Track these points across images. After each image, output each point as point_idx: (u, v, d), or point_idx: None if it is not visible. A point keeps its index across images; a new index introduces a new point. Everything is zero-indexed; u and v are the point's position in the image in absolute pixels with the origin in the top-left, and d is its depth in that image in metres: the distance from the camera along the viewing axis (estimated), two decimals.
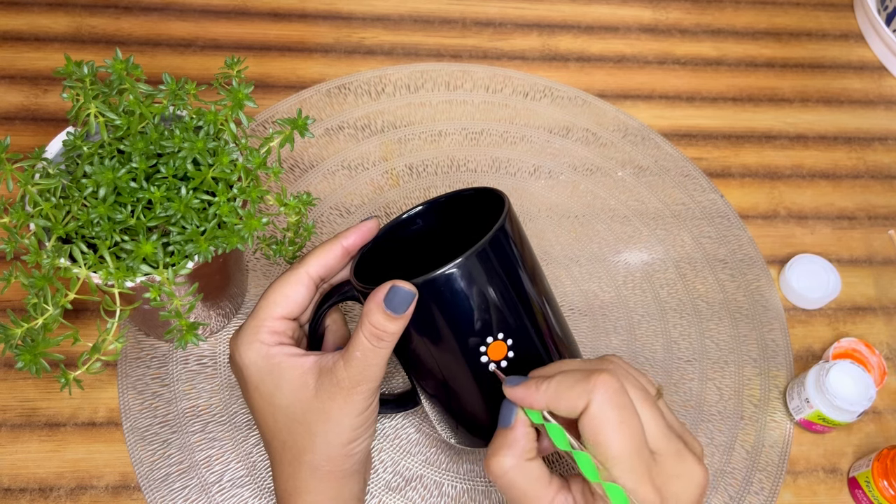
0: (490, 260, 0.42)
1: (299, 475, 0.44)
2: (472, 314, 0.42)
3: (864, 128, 0.76)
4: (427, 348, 0.44)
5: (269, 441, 0.45)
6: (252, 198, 0.45)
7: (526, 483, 0.39)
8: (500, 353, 0.43)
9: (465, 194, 0.49)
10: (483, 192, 0.47)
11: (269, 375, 0.43)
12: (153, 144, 0.45)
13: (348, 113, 0.70)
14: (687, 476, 0.38)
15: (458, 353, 0.43)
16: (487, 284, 0.42)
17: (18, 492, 0.52)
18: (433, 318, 0.42)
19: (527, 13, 0.79)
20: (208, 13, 0.74)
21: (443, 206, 0.50)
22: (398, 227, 0.49)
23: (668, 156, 0.71)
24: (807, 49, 0.80)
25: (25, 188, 0.43)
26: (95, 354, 0.42)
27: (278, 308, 0.44)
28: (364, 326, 0.41)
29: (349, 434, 0.43)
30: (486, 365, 0.43)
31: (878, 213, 0.71)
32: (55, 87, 0.68)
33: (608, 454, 0.37)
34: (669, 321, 0.62)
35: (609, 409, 0.37)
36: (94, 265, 0.42)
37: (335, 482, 0.44)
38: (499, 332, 0.43)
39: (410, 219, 0.50)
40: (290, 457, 0.44)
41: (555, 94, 0.73)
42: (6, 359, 0.56)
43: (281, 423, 0.44)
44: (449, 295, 0.42)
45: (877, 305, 0.66)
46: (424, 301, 0.42)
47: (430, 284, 0.41)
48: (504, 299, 0.43)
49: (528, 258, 0.45)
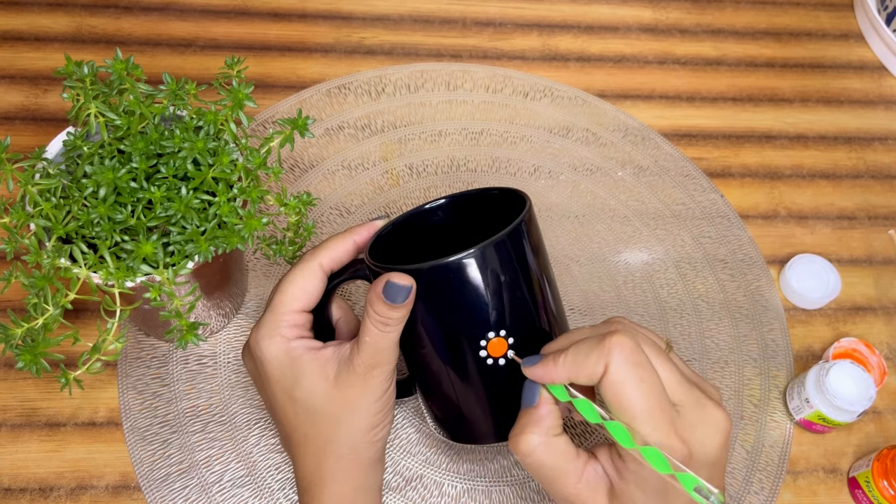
0: (500, 255, 0.42)
1: (324, 465, 0.44)
2: (477, 307, 0.42)
3: (865, 128, 0.76)
4: (427, 336, 0.44)
5: (289, 434, 0.45)
6: (252, 198, 0.45)
7: (554, 459, 0.40)
8: (499, 349, 0.43)
9: (489, 193, 0.49)
10: (507, 192, 0.48)
11: (290, 369, 0.44)
12: (153, 144, 0.45)
13: (348, 113, 0.70)
14: (710, 422, 0.39)
15: (458, 344, 0.43)
16: (494, 279, 0.42)
17: (18, 492, 0.52)
18: (437, 306, 0.43)
19: (527, 13, 0.79)
20: (208, 13, 0.74)
21: (465, 202, 0.50)
22: (418, 217, 0.50)
23: (668, 156, 0.71)
24: (807, 49, 0.80)
25: (26, 188, 0.43)
26: (95, 354, 0.42)
27: (297, 302, 0.44)
28: (369, 314, 0.42)
29: (370, 420, 0.44)
30: (485, 360, 0.43)
31: (878, 213, 0.71)
32: (55, 87, 0.68)
33: (633, 413, 0.37)
34: (669, 321, 0.62)
35: (627, 368, 0.37)
36: (94, 265, 0.42)
37: (359, 471, 0.45)
38: (500, 329, 0.43)
39: (431, 210, 0.50)
40: (314, 448, 0.44)
41: (555, 94, 0.73)
42: (6, 359, 0.56)
43: (302, 415, 0.44)
44: (456, 284, 0.42)
45: (877, 305, 0.66)
46: (431, 287, 0.42)
47: (437, 271, 0.42)
48: (509, 297, 0.43)
49: (540, 260, 0.45)
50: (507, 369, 0.44)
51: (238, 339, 0.58)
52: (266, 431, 0.55)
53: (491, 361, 0.43)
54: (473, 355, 0.43)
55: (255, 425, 0.55)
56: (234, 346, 0.58)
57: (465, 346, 0.43)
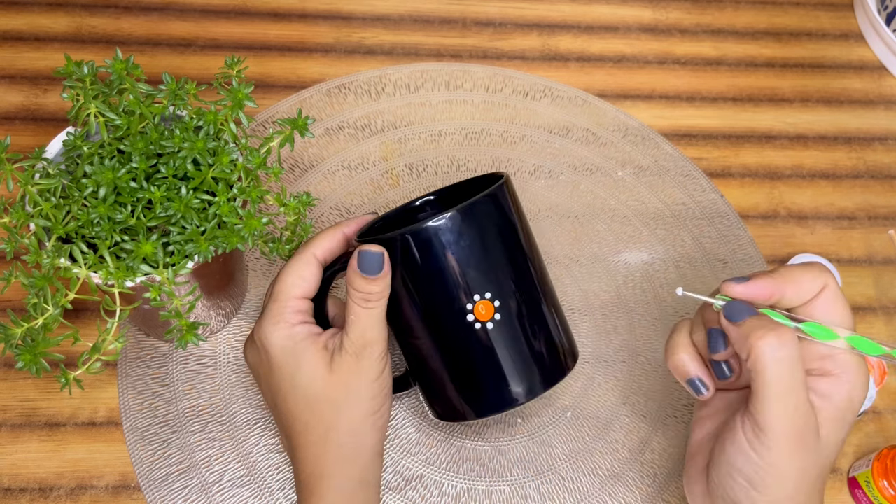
0: (477, 219, 0.44)
1: (325, 456, 0.44)
2: (456, 271, 0.44)
3: (865, 128, 0.76)
4: (415, 308, 0.45)
5: (290, 425, 0.45)
6: (252, 198, 0.45)
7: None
8: (487, 313, 0.44)
9: (475, 182, 0.50)
10: (490, 177, 0.49)
11: (292, 355, 0.44)
12: (153, 144, 0.45)
13: (348, 113, 0.70)
14: None
15: (445, 310, 0.44)
16: (474, 242, 0.44)
17: (18, 492, 0.52)
18: (420, 273, 0.44)
19: (527, 13, 0.79)
20: (208, 13, 0.74)
21: (453, 194, 0.52)
22: (408, 212, 0.51)
23: (668, 156, 0.71)
24: (807, 49, 0.80)
25: (25, 188, 0.43)
26: (95, 354, 0.42)
27: (297, 289, 0.45)
28: (350, 293, 0.44)
29: (369, 404, 0.44)
30: (473, 324, 0.44)
31: (878, 214, 0.71)
32: (55, 86, 0.68)
33: (849, 327, 0.42)
34: (670, 321, 0.62)
35: (839, 290, 0.42)
36: (94, 265, 0.42)
37: (359, 462, 0.45)
38: (486, 293, 0.44)
39: (421, 206, 0.52)
40: (314, 438, 0.45)
41: (555, 94, 0.73)
42: (6, 358, 0.56)
43: (302, 403, 0.44)
44: (437, 248, 0.43)
45: (877, 305, 0.66)
46: (411, 255, 0.43)
47: (416, 236, 0.43)
48: (489, 261, 0.44)
49: (522, 227, 0.47)
50: (499, 333, 0.45)
51: (238, 339, 0.58)
52: (266, 431, 0.55)
53: (479, 326, 0.44)
54: (461, 321, 0.44)
55: (255, 425, 0.55)
56: (234, 346, 0.58)
57: (452, 312, 0.44)
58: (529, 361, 0.47)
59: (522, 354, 0.46)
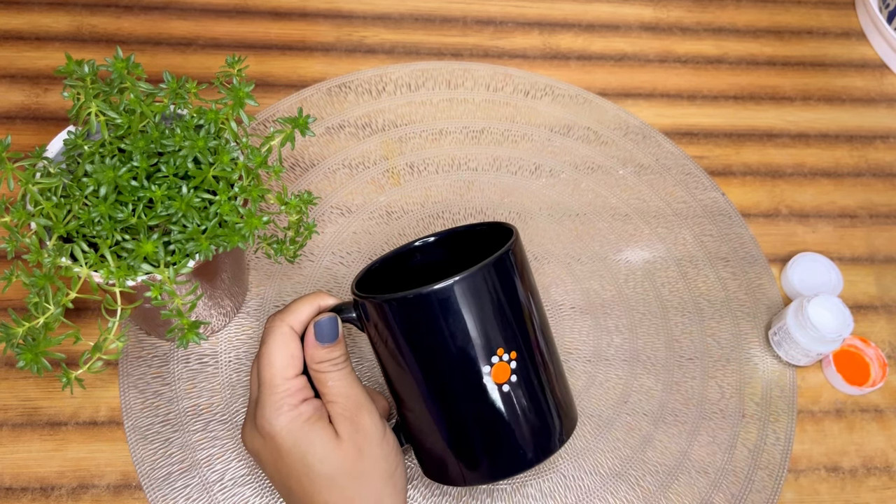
0: (484, 284, 0.42)
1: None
2: (477, 330, 0.42)
3: (866, 126, 0.75)
4: (424, 370, 0.44)
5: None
6: (253, 196, 0.45)
7: None
8: (503, 374, 0.43)
9: (478, 228, 0.49)
10: (495, 227, 0.48)
11: (301, 435, 0.43)
12: (154, 143, 0.45)
13: (349, 111, 0.70)
14: None
15: (459, 371, 0.43)
16: (482, 305, 0.42)
17: (20, 491, 0.52)
18: (430, 335, 0.43)
19: (528, 11, 0.78)
20: (209, 12, 0.74)
21: (454, 239, 0.50)
22: (406, 254, 0.50)
23: (670, 154, 0.71)
24: (808, 47, 0.80)
25: (26, 187, 0.43)
26: (97, 353, 0.42)
27: (288, 369, 0.44)
28: (314, 368, 0.44)
29: (384, 464, 0.44)
30: (488, 385, 0.43)
31: (879, 212, 0.70)
32: (56, 86, 0.68)
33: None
34: (671, 319, 0.62)
35: None
36: (95, 264, 0.42)
37: None
38: (503, 352, 0.43)
39: (419, 248, 0.50)
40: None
41: (556, 93, 0.73)
42: (7, 358, 0.56)
43: (319, 482, 0.43)
44: (445, 311, 0.42)
45: (878, 304, 0.66)
46: (418, 318, 0.42)
47: (424, 299, 0.42)
48: (505, 320, 0.43)
49: (528, 288, 0.45)
50: (509, 400, 0.43)
51: (239, 338, 0.58)
52: None
53: (494, 387, 0.43)
54: (476, 381, 0.43)
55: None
56: (235, 345, 0.58)
57: (467, 373, 0.43)
58: (546, 418, 0.45)
59: (540, 413, 0.45)
